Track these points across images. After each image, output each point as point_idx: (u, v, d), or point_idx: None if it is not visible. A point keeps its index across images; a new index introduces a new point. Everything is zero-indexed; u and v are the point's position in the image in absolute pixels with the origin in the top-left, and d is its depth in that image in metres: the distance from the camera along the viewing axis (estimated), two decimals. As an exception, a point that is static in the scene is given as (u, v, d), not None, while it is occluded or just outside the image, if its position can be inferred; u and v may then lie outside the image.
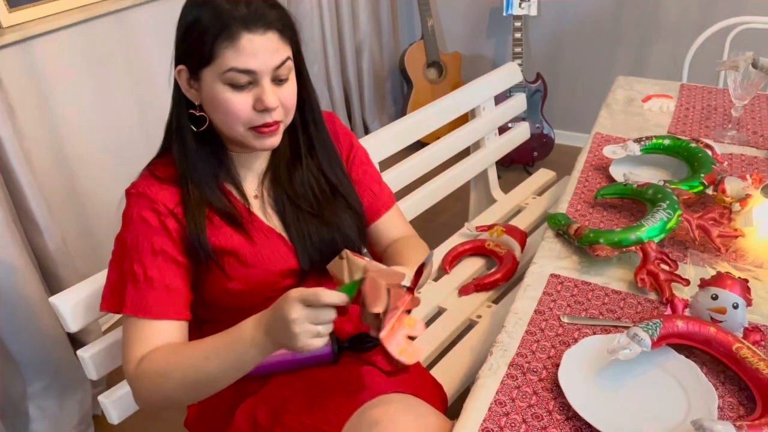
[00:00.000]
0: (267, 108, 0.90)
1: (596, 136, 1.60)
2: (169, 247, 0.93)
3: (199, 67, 0.89)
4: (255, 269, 0.97)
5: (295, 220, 1.02)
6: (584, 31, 2.96)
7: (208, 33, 0.86)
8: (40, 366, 1.70)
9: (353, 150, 1.13)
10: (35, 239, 1.68)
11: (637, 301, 1.06)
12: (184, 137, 0.95)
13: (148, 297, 0.91)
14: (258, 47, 0.87)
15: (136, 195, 0.95)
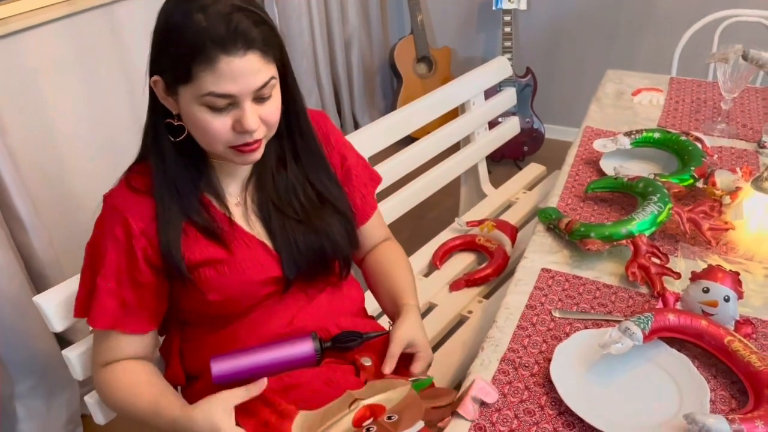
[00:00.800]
0: (247, 131, 0.86)
1: (586, 129, 1.59)
2: (134, 267, 0.93)
3: (176, 83, 0.85)
4: (233, 280, 0.95)
5: (281, 228, 0.99)
6: (574, 25, 2.95)
7: (184, 52, 0.81)
8: (27, 366, 1.68)
9: (345, 151, 1.11)
10: (21, 238, 1.65)
11: (629, 294, 1.05)
12: (162, 147, 0.92)
13: (107, 311, 0.94)
14: (238, 71, 0.82)
15: (111, 207, 0.93)
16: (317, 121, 1.07)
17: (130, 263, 0.93)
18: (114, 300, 0.94)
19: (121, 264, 0.93)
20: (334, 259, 1.04)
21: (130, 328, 0.96)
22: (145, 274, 0.94)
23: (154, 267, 0.94)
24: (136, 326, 0.97)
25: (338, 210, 1.04)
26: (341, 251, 1.04)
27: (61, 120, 1.95)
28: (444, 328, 1.45)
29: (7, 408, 1.70)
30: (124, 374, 0.97)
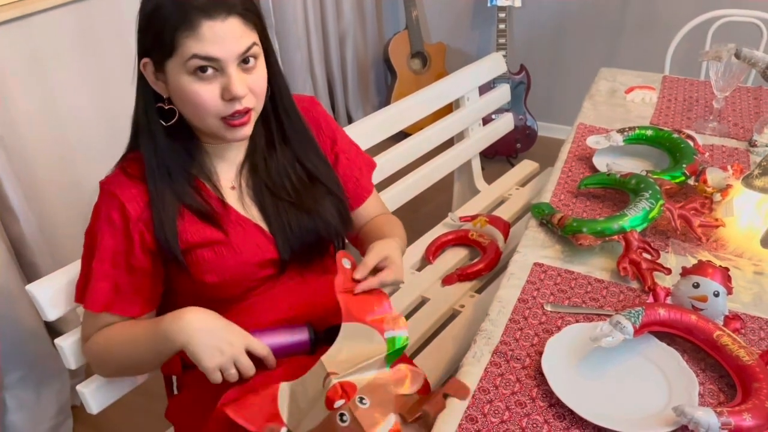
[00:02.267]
0: (235, 96, 0.87)
1: (579, 126, 1.60)
2: (130, 252, 0.94)
3: (163, 59, 0.87)
4: (230, 261, 0.96)
5: (275, 210, 1.00)
6: (568, 23, 2.96)
7: (168, 24, 0.84)
8: (16, 356, 1.67)
9: (336, 136, 1.12)
10: (11, 227, 1.65)
11: (620, 289, 1.06)
12: (154, 133, 0.93)
13: (100, 294, 0.95)
14: (220, 34, 0.84)
15: (107, 193, 0.94)
16: (306, 107, 1.08)
17: (126, 247, 0.93)
18: (108, 283, 0.95)
19: (118, 248, 0.93)
20: (328, 241, 1.05)
21: (123, 311, 0.97)
22: (141, 259, 0.94)
23: (150, 251, 0.95)
24: (128, 310, 0.97)
25: (330, 191, 1.05)
26: (334, 232, 1.05)
27: (63, 105, 1.94)
28: (436, 322, 1.46)
29: (-4, 398, 1.69)
30: (112, 328, 0.97)
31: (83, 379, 1.82)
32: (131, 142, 0.98)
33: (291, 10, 2.72)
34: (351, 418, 0.82)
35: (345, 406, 0.83)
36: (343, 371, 0.86)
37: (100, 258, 0.94)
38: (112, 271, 0.94)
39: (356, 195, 1.13)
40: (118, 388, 1.12)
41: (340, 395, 0.83)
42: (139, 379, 1.14)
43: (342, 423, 0.82)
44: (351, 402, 0.83)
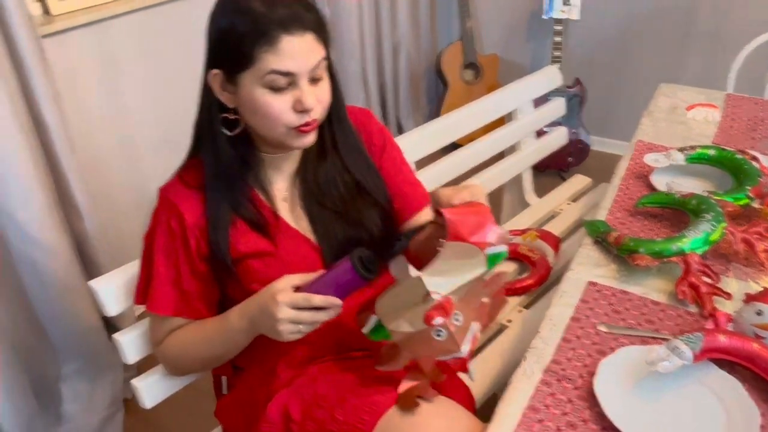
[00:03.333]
0: (306, 109, 0.90)
1: (638, 143, 1.57)
2: (189, 258, 0.97)
3: (237, 71, 0.89)
4: (277, 272, 0.96)
5: (321, 220, 1.02)
6: (625, 37, 2.91)
7: (246, 38, 0.86)
8: (74, 348, 1.74)
9: (386, 149, 1.12)
10: (75, 224, 1.71)
11: (677, 313, 1.04)
12: (217, 143, 0.95)
13: (168, 299, 0.99)
14: (297, 49, 0.87)
15: (165, 200, 0.97)
16: (360, 118, 1.09)
17: (186, 254, 0.96)
18: (174, 288, 0.98)
19: (179, 254, 0.97)
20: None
21: (190, 314, 1.00)
22: (199, 264, 0.97)
23: (204, 258, 0.98)
24: (194, 313, 1.01)
25: (376, 202, 1.05)
26: (378, 244, 1.05)
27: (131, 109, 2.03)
28: (483, 336, 1.45)
29: (52, 389, 1.76)
30: (184, 330, 1.01)
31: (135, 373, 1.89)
32: (192, 149, 1.02)
33: (347, 21, 2.75)
34: (447, 334, 0.86)
35: (443, 324, 0.85)
36: (443, 291, 0.87)
37: (163, 263, 0.97)
38: (177, 276, 0.98)
39: (404, 210, 1.12)
40: (171, 384, 1.15)
41: (440, 314, 0.85)
42: (191, 376, 1.17)
43: (438, 338, 0.86)
44: (449, 320, 0.86)
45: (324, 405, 0.98)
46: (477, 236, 0.88)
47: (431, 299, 0.86)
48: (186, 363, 1.05)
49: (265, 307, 0.89)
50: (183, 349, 1.02)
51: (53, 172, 1.64)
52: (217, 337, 0.98)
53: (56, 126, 1.60)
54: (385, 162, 1.11)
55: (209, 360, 1.03)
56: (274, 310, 0.87)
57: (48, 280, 1.59)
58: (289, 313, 0.86)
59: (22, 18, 1.49)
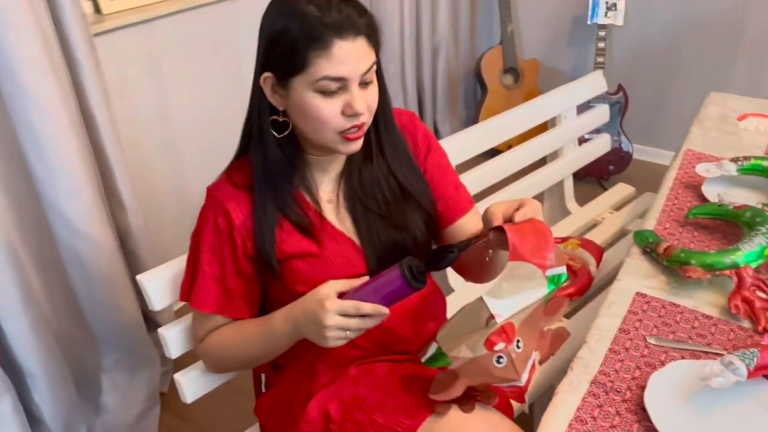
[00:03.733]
0: (356, 113, 0.89)
1: (687, 152, 1.53)
2: (235, 257, 0.98)
3: (289, 75, 0.89)
4: (321, 273, 0.98)
5: (365, 222, 1.02)
6: (670, 43, 2.85)
7: (298, 42, 0.85)
8: (114, 340, 1.77)
9: (431, 152, 1.11)
10: (120, 218, 1.75)
11: (730, 327, 1.01)
12: (266, 144, 0.95)
13: (211, 296, 1.00)
14: (349, 54, 0.86)
15: (213, 199, 0.98)
16: (405, 121, 1.08)
17: (232, 253, 0.97)
18: (218, 286, 0.99)
19: (225, 253, 0.97)
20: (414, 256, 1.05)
21: (233, 313, 1.01)
22: (245, 264, 0.98)
23: (250, 258, 0.98)
24: (237, 311, 1.01)
25: (420, 205, 1.05)
26: (421, 248, 1.04)
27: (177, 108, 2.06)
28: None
29: (92, 379, 1.79)
30: (226, 329, 1.03)
31: (171, 367, 1.92)
32: (240, 150, 1.02)
33: (388, 23, 2.76)
34: (507, 361, 0.84)
35: (504, 350, 0.84)
36: (506, 314, 0.85)
37: (208, 261, 0.98)
38: (221, 274, 0.98)
39: (448, 214, 1.11)
40: (211, 380, 1.16)
41: (502, 339, 0.84)
42: (232, 373, 1.18)
43: (498, 365, 0.85)
44: (510, 346, 0.84)
45: (364, 407, 0.98)
46: (537, 256, 0.86)
47: (494, 323, 0.84)
48: (226, 362, 1.06)
49: (312, 314, 0.89)
50: (223, 348, 1.03)
51: (101, 167, 1.67)
52: (259, 339, 0.99)
53: (105, 123, 1.63)
54: (430, 165, 1.10)
55: (249, 360, 1.04)
56: (322, 317, 0.87)
57: (92, 272, 1.62)
58: (337, 320, 0.86)
59: (76, 16, 1.52)
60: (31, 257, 1.58)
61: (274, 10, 0.90)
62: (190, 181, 2.18)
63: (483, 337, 0.84)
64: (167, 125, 2.09)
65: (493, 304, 0.85)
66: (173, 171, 2.15)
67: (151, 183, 2.09)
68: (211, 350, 1.04)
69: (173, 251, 1.12)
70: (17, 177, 1.51)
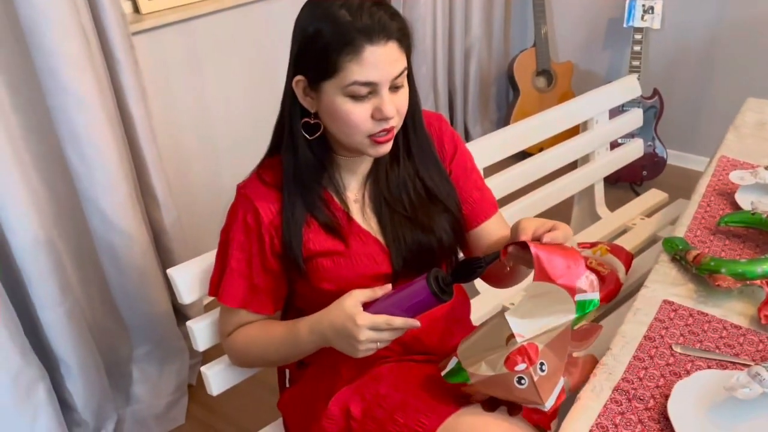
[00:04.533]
0: (386, 117, 0.90)
1: (721, 159, 1.50)
2: (263, 254, 1.00)
3: (320, 79, 0.90)
4: (347, 272, 0.99)
5: (391, 223, 1.02)
6: (707, 48, 2.79)
7: (330, 47, 0.86)
8: (145, 332, 1.81)
9: (457, 154, 1.11)
10: (154, 213, 1.79)
11: (759, 338, 0.99)
12: (297, 145, 0.97)
13: (238, 291, 1.01)
14: (380, 59, 0.87)
15: (243, 197, 1.00)
16: (432, 123, 1.09)
17: (260, 249, 0.99)
18: (245, 281, 1.01)
19: (253, 249, 0.99)
20: (440, 257, 1.06)
21: (258, 308, 1.03)
22: (272, 261, 1.00)
23: (277, 256, 1.00)
24: (262, 308, 1.03)
25: (447, 208, 1.05)
26: (447, 249, 1.05)
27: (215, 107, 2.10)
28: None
29: (124, 369, 1.84)
30: (252, 328, 1.05)
31: (200, 360, 1.96)
32: (271, 149, 1.04)
33: (421, 24, 2.76)
34: (529, 383, 0.83)
35: (526, 371, 0.83)
36: (528, 335, 0.83)
37: (236, 257, 1.00)
38: (248, 270, 1.00)
39: (472, 217, 1.11)
40: (238, 374, 1.18)
41: (523, 359, 0.83)
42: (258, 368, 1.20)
43: (519, 386, 0.83)
44: (532, 368, 0.83)
45: (385, 405, 0.99)
46: (565, 279, 0.84)
47: (515, 342, 0.83)
48: (250, 359, 1.08)
49: (342, 328, 0.90)
50: (249, 346, 1.05)
51: (136, 164, 1.72)
52: (283, 345, 1.01)
53: (141, 120, 1.67)
54: (455, 167, 1.10)
55: (271, 362, 1.07)
56: (355, 333, 0.89)
57: (125, 265, 1.67)
58: (369, 335, 0.89)
59: (115, 16, 1.57)
60: (68, 249, 1.63)
61: (307, 12, 0.91)
62: (226, 179, 2.22)
63: (503, 356, 0.83)
64: (205, 124, 2.13)
65: (514, 322, 0.84)
66: (210, 169, 2.19)
67: (188, 180, 2.13)
68: (237, 346, 1.06)
69: (207, 247, 1.14)
70: (56, 171, 1.56)
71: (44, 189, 1.55)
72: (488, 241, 1.12)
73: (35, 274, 1.46)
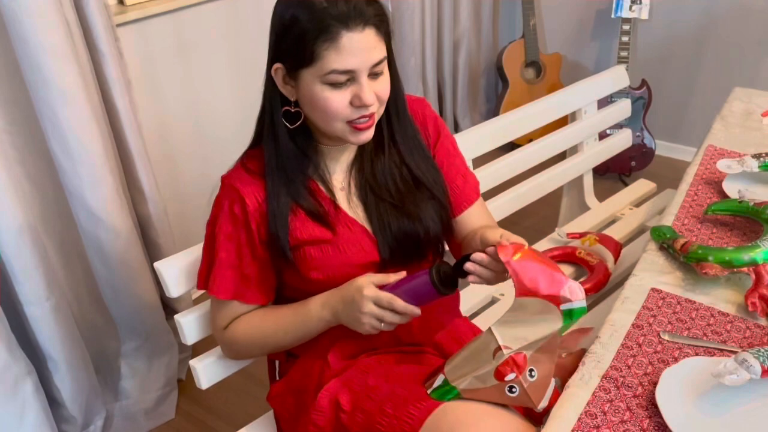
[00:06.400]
0: (364, 104, 0.90)
1: (708, 148, 1.51)
2: (251, 243, 0.99)
3: (298, 67, 0.89)
4: (335, 260, 0.99)
5: (377, 211, 1.02)
6: (695, 38, 2.80)
7: (307, 34, 0.86)
8: (134, 327, 1.80)
9: (440, 139, 1.10)
10: (140, 207, 1.77)
11: (746, 325, 0.99)
12: (278, 134, 0.97)
13: (228, 282, 1.01)
14: (357, 46, 0.86)
15: (228, 186, 0.99)
16: (415, 107, 1.08)
17: (248, 239, 0.98)
18: (235, 272, 1.00)
19: (241, 239, 0.98)
20: (426, 245, 1.05)
21: (250, 299, 1.02)
22: (260, 249, 0.99)
23: (264, 244, 0.99)
24: (254, 297, 1.03)
25: (433, 195, 1.04)
26: (434, 237, 1.05)
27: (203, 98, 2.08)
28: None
29: (112, 365, 1.83)
30: (253, 316, 1.04)
31: (190, 354, 1.95)
32: (255, 139, 1.03)
33: (409, 16, 2.75)
34: (521, 390, 0.85)
35: (516, 380, 0.85)
36: (515, 346, 0.85)
37: (225, 248, 0.99)
38: (238, 261, 1.00)
39: (456, 203, 1.10)
40: (227, 367, 1.18)
41: (512, 369, 0.85)
42: (248, 360, 1.19)
43: (511, 394, 0.86)
44: (522, 376, 0.84)
45: (374, 397, 0.98)
46: (548, 290, 0.86)
47: (502, 354, 0.85)
48: (249, 348, 1.07)
49: (350, 299, 0.93)
50: (251, 334, 1.03)
51: (122, 157, 1.70)
52: (292, 326, 1.01)
53: (127, 113, 1.66)
54: (439, 152, 1.10)
55: (275, 347, 1.06)
56: (360, 303, 0.91)
57: (112, 260, 1.65)
58: (372, 308, 0.91)
59: (99, 7, 1.54)
60: (54, 244, 1.61)
61: (282, 2, 0.91)
62: (214, 172, 2.18)
63: (492, 370, 0.86)
64: (192, 116, 2.11)
65: (501, 335, 0.86)
66: (198, 161, 2.17)
67: (177, 172, 2.11)
68: (235, 337, 1.04)
69: (195, 240, 1.13)
70: (41, 166, 1.54)
71: (29, 183, 1.53)
72: (470, 227, 1.12)
73: (21, 270, 1.44)
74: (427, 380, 0.96)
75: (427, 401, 0.94)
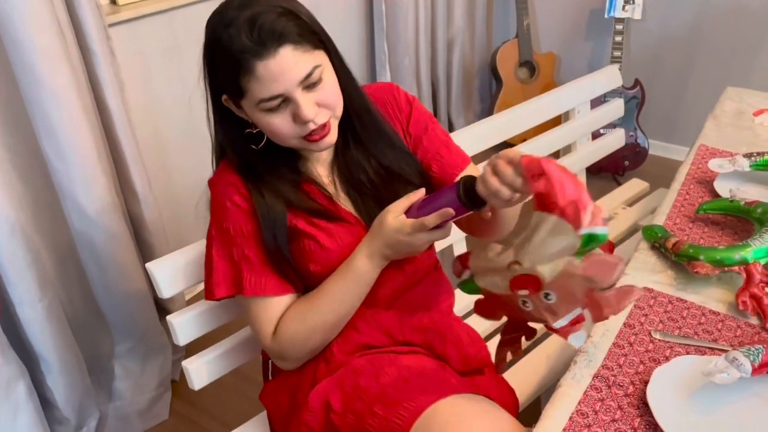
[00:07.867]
0: (305, 120, 0.89)
1: (700, 148, 1.51)
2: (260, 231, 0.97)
3: (236, 99, 0.90)
4: (334, 254, 0.99)
5: (363, 204, 1.03)
6: (688, 38, 2.81)
7: (228, 71, 0.86)
8: (127, 328, 1.80)
9: (412, 116, 1.08)
10: (133, 208, 1.77)
11: (737, 324, 1.00)
12: (247, 158, 0.97)
13: (265, 277, 0.98)
14: (275, 70, 0.84)
15: (222, 184, 0.98)
16: (385, 97, 1.07)
17: (255, 227, 0.97)
18: (266, 267, 0.98)
19: (254, 229, 0.97)
20: None
21: (287, 288, 1.00)
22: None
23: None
24: (290, 286, 1.00)
25: (409, 181, 1.03)
26: None
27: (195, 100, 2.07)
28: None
29: (106, 366, 1.82)
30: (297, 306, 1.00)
31: (183, 355, 1.95)
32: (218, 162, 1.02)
33: (402, 15, 2.75)
34: (534, 307, 0.85)
35: (528, 297, 0.84)
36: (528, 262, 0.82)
37: (250, 246, 0.97)
38: (259, 252, 0.97)
39: (444, 171, 1.07)
40: (220, 367, 1.18)
41: (524, 286, 0.84)
42: (238, 361, 1.19)
43: (525, 308, 0.86)
44: (536, 297, 0.83)
45: (364, 398, 0.98)
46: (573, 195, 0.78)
47: (514, 269, 0.84)
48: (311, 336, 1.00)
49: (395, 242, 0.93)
50: (305, 321, 0.99)
51: (115, 158, 1.69)
52: (347, 291, 0.98)
53: (119, 113, 1.65)
54: (413, 129, 1.07)
55: (336, 322, 1.01)
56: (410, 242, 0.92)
57: (105, 261, 1.65)
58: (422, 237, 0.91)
59: (90, 7, 1.54)
60: (46, 245, 1.61)
61: (205, 35, 0.90)
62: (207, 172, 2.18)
63: (506, 279, 0.86)
64: (185, 116, 2.11)
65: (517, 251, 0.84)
66: (191, 162, 2.17)
67: (169, 173, 2.11)
68: (290, 333, 0.99)
69: (189, 241, 1.13)
70: (33, 166, 1.54)
71: (21, 184, 1.52)
72: None
73: (13, 271, 1.44)
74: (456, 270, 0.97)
75: (416, 402, 0.94)
